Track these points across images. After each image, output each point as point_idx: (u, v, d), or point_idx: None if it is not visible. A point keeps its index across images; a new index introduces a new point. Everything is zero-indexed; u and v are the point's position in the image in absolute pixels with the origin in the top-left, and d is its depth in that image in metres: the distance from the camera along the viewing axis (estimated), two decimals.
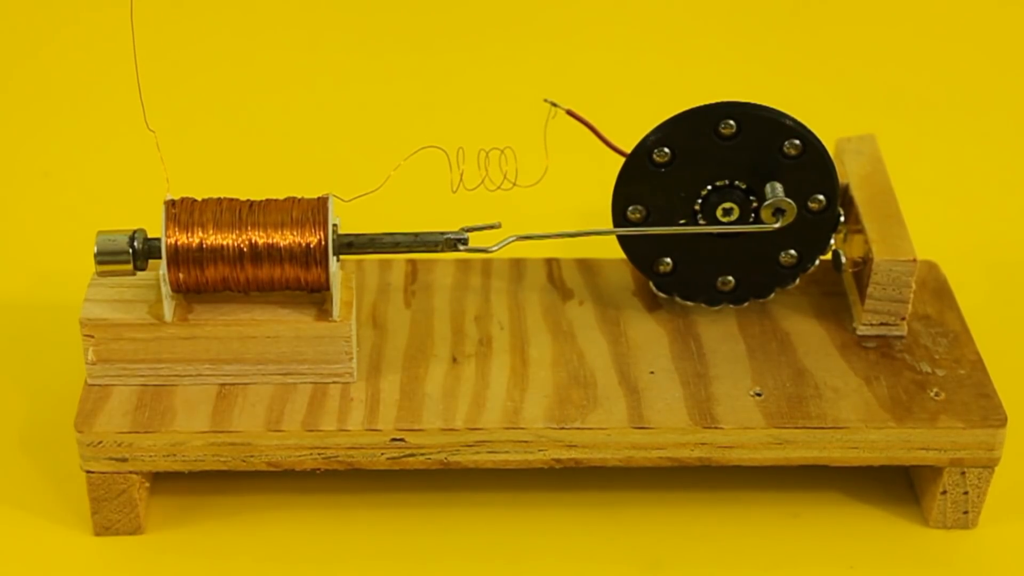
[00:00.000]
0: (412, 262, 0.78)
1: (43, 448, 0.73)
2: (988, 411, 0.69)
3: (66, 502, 0.71)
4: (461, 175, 0.68)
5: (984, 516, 0.71)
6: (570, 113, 0.72)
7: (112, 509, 0.69)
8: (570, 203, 0.89)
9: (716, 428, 0.68)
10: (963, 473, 0.69)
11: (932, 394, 0.70)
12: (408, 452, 0.68)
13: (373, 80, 1.05)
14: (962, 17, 1.13)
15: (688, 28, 1.12)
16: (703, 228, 0.72)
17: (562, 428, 0.68)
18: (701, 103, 0.70)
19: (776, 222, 0.71)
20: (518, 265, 0.78)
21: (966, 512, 0.70)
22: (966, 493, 0.70)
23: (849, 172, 0.76)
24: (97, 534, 0.69)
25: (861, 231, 0.73)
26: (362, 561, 0.69)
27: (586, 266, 0.78)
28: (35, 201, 0.92)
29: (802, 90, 1.04)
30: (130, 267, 0.67)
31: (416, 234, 0.70)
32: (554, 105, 0.72)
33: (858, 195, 0.75)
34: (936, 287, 0.77)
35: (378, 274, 0.77)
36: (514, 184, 0.69)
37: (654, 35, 1.12)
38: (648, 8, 1.14)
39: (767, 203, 0.71)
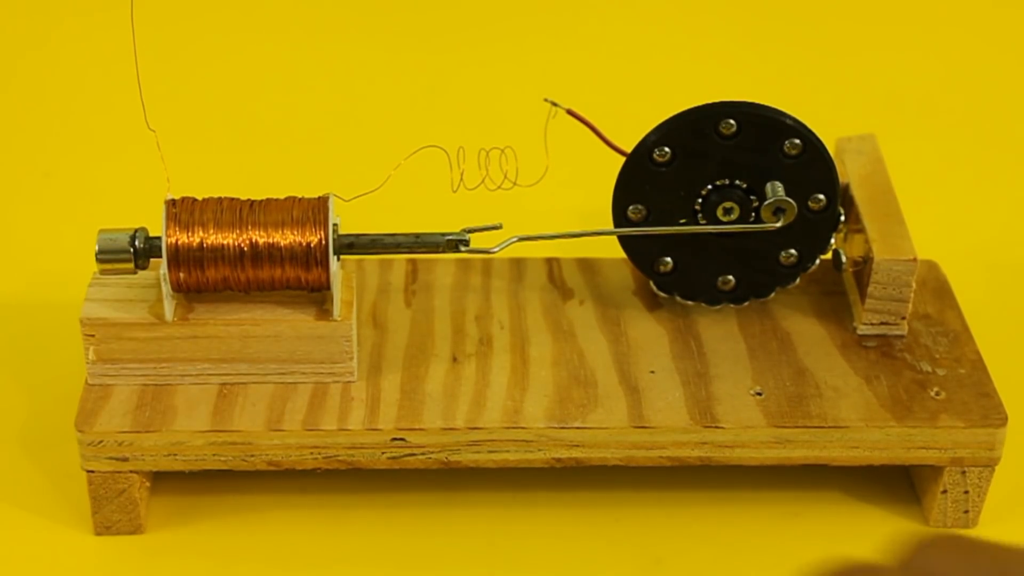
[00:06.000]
0: (413, 262, 0.78)
1: (43, 448, 0.73)
2: (988, 410, 0.69)
3: (66, 502, 0.71)
4: (461, 175, 0.68)
5: (984, 516, 0.71)
6: (570, 113, 0.72)
7: (112, 509, 0.69)
8: (570, 203, 0.89)
9: (717, 427, 0.68)
10: (963, 472, 0.69)
11: (932, 393, 0.70)
12: (408, 451, 0.68)
13: (373, 79, 1.05)
14: (962, 17, 1.13)
15: (688, 28, 1.12)
16: (703, 228, 0.72)
17: (562, 427, 0.68)
18: (701, 103, 0.70)
19: (776, 221, 0.71)
20: (518, 265, 0.78)
21: (966, 511, 0.70)
22: (966, 492, 0.70)
23: (849, 172, 0.76)
24: (97, 534, 0.69)
25: (861, 230, 0.73)
26: (362, 561, 0.69)
27: (586, 266, 0.78)
28: (35, 201, 0.92)
29: (802, 90, 1.04)
30: (131, 266, 0.67)
31: (417, 235, 0.70)
32: (554, 105, 0.72)
33: (858, 195, 0.75)
34: (936, 287, 0.77)
35: (378, 273, 0.77)
36: (514, 184, 0.69)
37: (654, 35, 1.12)
38: (648, 8, 1.14)
39: (767, 202, 0.71)
